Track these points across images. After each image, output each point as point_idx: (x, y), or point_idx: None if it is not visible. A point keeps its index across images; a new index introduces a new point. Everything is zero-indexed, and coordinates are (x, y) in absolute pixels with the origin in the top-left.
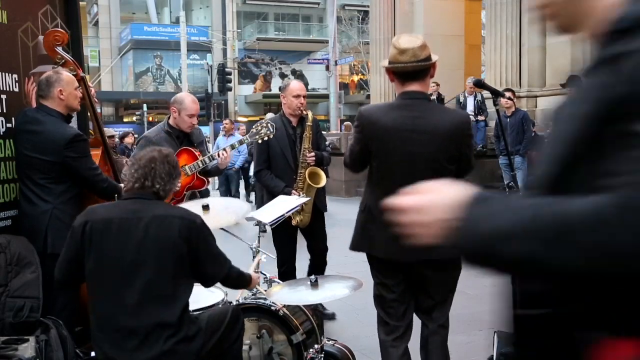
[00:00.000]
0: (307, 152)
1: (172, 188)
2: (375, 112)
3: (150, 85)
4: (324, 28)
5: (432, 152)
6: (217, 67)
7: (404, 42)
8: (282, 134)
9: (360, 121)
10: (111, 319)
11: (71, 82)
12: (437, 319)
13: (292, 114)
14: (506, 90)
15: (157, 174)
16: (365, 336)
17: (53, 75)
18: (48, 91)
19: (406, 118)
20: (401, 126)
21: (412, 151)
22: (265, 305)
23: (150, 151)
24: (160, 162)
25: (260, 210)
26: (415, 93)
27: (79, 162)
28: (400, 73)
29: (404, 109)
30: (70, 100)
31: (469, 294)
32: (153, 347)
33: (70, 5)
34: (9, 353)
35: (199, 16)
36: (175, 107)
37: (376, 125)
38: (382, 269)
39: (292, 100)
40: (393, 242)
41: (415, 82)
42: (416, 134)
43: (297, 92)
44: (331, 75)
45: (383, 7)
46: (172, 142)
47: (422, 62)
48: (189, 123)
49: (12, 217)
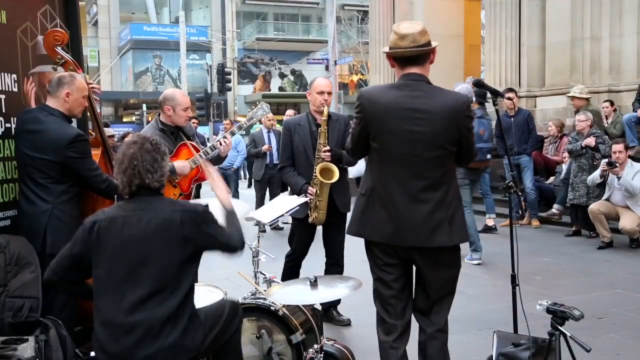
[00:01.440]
0: (321, 147)
1: (164, 173)
2: (375, 91)
3: (150, 85)
4: (323, 28)
5: (433, 132)
6: (217, 67)
7: (404, 27)
8: (305, 131)
9: (361, 100)
10: (115, 316)
11: (81, 90)
12: (436, 321)
13: (317, 110)
14: (508, 90)
15: (143, 168)
16: (364, 336)
17: (67, 77)
18: (56, 90)
19: (406, 97)
20: (401, 105)
21: (413, 130)
22: (264, 305)
23: (127, 148)
24: (140, 155)
25: (260, 210)
26: (415, 75)
27: (80, 162)
28: (400, 58)
29: (404, 89)
30: (74, 105)
31: (468, 294)
32: (156, 342)
33: (69, 5)
34: (9, 353)
35: (198, 16)
36: (169, 104)
37: (376, 104)
38: (380, 257)
39: (316, 97)
40: (393, 226)
41: (415, 66)
42: (416, 113)
43: (322, 88)
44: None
45: (382, 7)
46: (167, 139)
47: (421, 47)
48: (185, 117)
49: (11, 217)
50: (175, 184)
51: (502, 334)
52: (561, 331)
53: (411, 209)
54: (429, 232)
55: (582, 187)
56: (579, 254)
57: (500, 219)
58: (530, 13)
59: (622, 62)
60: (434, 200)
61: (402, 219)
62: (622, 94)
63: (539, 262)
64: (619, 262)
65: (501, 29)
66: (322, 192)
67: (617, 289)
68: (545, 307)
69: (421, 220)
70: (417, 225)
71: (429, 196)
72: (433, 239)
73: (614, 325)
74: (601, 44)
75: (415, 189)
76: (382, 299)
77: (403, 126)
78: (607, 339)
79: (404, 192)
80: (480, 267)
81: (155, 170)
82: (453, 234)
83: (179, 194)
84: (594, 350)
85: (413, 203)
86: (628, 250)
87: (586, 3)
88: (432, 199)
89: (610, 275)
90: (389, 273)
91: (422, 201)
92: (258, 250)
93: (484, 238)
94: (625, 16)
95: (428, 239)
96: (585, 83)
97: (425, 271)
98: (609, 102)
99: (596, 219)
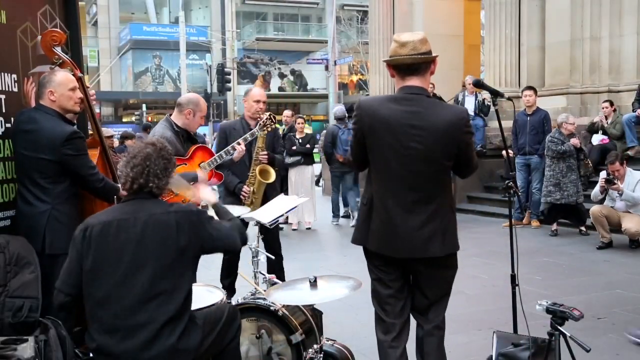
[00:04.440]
0: (260, 151)
1: (166, 183)
2: (374, 103)
3: (150, 85)
4: (323, 28)
5: (429, 148)
6: (216, 67)
7: (405, 36)
8: (239, 135)
9: (359, 112)
10: (111, 320)
11: (64, 83)
12: (433, 319)
13: (252, 117)
14: (527, 88)
15: (152, 171)
16: (364, 336)
17: (46, 75)
18: (41, 92)
19: (405, 112)
20: (399, 120)
21: (409, 146)
22: (264, 305)
23: (144, 147)
24: (155, 157)
25: (259, 210)
26: (414, 88)
27: (76, 159)
28: (400, 67)
29: (402, 103)
30: (62, 101)
31: (468, 294)
32: (155, 345)
33: (69, 5)
34: (8, 353)
35: (198, 16)
36: (192, 108)
37: (374, 117)
38: (377, 263)
39: (253, 105)
40: (387, 237)
41: (415, 76)
42: (414, 129)
43: (258, 97)
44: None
45: (382, 7)
46: (180, 142)
47: (422, 55)
48: (200, 124)
49: (10, 217)
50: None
51: (502, 334)
52: (561, 331)
53: (405, 221)
54: (422, 243)
55: (570, 187)
56: (579, 254)
57: (500, 219)
58: (530, 13)
59: (621, 62)
60: (427, 211)
61: (396, 230)
62: (622, 94)
63: (539, 262)
64: (619, 262)
65: (501, 29)
66: (259, 190)
67: (617, 289)
68: (545, 307)
69: (414, 231)
70: (411, 237)
71: (423, 208)
72: (426, 249)
73: (613, 325)
74: (601, 44)
75: (410, 201)
76: (380, 298)
77: (400, 141)
78: (607, 339)
79: (398, 204)
80: (481, 267)
81: (162, 178)
82: (446, 244)
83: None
84: (594, 350)
85: (407, 215)
86: (628, 250)
87: (586, 3)
88: (426, 211)
89: (610, 275)
90: (387, 273)
91: (415, 213)
92: (258, 250)
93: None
94: (625, 16)
95: (421, 250)
96: (585, 83)
97: (420, 278)
98: (609, 102)
99: (597, 221)
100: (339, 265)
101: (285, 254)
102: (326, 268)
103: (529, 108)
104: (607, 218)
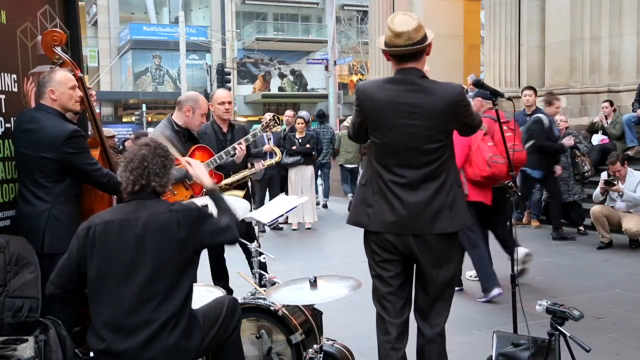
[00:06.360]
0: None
1: (169, 179)
2: (372, 86)
3: (150, 85)
4: (323, 28)
5: (428, 125)
6: (216, 67)
7: (399, 23)
8: (211, 139)
9: (358, 95)
10: (113, 319)
11: (64, 82)
12: (436, 325)
13: (220, 119)
14: (527, 88)
15: (152, 171)
16: (364, 336)
17: (46, 75)
18: (41, 91)
19: (401, 92)
20: (397, 100)
21: (409, 124)
22: (264, 305)
23: (139, 149)
24: (152, 157)
25: (259, 210)
26: (411, 69)
27: (78, 157)
28: (395, 55)
29: (398, 83)
30: (63, 100)
31: (468, 294)
32: (157, 344)
33: (69, 5)
34: (8, 353)
35: (198, 16)
36: (191, 105)
37: (372, 99)
38: (377, 259)
39: (218, 107)
40: (393, 215)
41: (411, 61)
42: (411, 107)
43: (222, 99)
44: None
45: (382, 7)
46: (180, 141)
47: (417, 45)
48: (200, 122)
49: (10, 217)
50: (188, 186)
51: (502, 334)
52: (561, 331)
53: (411, 197)
54: (430, 219)
55: (562, 185)
56: (579, 254)
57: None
58: (530, 13)
59: (621, 62)
60: (433, 187)
61: (403, 207)
62: (622, 94)
63: (539, 262)
64: (619, 262)
65: (501, 29)
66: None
67: (616, 289)
68: (545, 307)
69: (421, 207)
70: (418, 213)
71: (428, 184)
72: (434, 225)
73: (613, 325)
74: (601, 44)
75: (415, 179)
76: (379, 295)
77: (399, 120)
78: (607, 339)
79: (402, 182)
80: None
81: (162, 176)
82: (454, 219)
83: (190, 195)
84: (594, 350)
85: (413, 192)
86: (628, 250)
87: (586, 3)
88: (431, 187)
89: (610, 276)
90: (387, 270)
91: (421, 189)
92: (258, 250)
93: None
94: (625, 16)
95: (429, 226)
96: (584, 83)
97: (423, 263)
98: (609, 102)
99: (597, 221)
100: (339, 265)
101: (285, 254)
102: (326, 268)
103: (528, 108)
104: (608, 218)
